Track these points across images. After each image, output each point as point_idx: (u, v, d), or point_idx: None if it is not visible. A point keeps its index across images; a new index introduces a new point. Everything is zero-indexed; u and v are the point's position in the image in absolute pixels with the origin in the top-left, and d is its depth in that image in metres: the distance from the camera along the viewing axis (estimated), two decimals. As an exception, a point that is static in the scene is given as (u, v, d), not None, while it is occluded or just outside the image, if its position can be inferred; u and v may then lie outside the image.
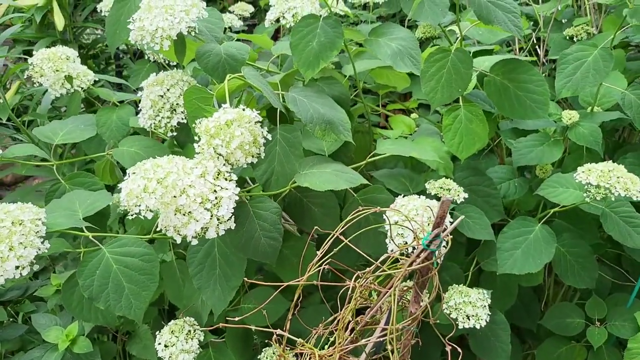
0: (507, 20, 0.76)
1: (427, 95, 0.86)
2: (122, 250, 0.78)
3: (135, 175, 0.71)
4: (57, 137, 0.92)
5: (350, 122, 0.88)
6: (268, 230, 0.80)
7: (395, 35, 0.95)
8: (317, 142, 0.98)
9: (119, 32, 1.01)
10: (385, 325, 0.63)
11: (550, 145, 1.07)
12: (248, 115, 0.75)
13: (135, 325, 1.27)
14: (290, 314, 0.67)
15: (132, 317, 0.77)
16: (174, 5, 0.89)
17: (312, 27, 0.90)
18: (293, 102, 0.84)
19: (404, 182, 0.98)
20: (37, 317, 1.21)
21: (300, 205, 0.94)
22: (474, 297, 0.89)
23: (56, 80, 1.11)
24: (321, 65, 0.88)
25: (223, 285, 0.84)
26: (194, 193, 0.70)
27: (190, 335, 0.89)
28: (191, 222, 0.70)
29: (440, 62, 0.85)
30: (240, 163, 0.77)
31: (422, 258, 0.59)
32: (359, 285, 0.59)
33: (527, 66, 0.88)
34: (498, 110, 0.94)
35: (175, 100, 0.96)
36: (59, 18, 1.43)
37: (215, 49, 0.93)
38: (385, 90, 1.22)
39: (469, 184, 1.02)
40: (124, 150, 0.93)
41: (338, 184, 0.81)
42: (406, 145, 0.94)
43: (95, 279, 0.76)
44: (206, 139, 0.74)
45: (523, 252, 0.96)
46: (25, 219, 0.68)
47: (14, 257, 0.65)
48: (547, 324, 1.15)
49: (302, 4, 1.07)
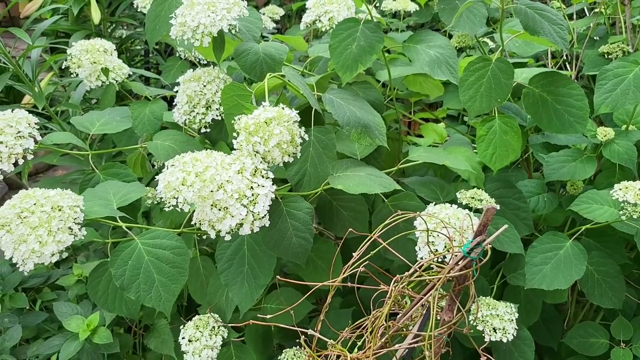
0: (554, 32, 0.76)
1: (465, 103, 0.86)
2: (154, 242, 0.79)
3: (174, 167, 0.71)
4: (94, 127, 0.93)
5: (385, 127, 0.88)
6: (300, 230, 0.80)
7: (433, 43, 0.95)
8: (349, 146, 0.98)
9: (159, 27, 1.02)
10: (418, 332, 0.63)
11: (583, 162, 1.06)
12: (287, 114, 0.75)
13: (154, 319, 1.27)
14: (322, 315, 0.67)
15: (161, 309, 0.77)
16: (216, 2, 0.90)
17: (352, 30, 0.90)
18: (330, 103, 0.84)
19: (434, 190, 0.97)
20: (59, 305, 1.22)
21: (330, 208, 0.94)
22: (501, 310, 0.88)
23: (93, 71, 1.13)
24: (360, 69, 0.88)
25: (251, 282, 0.84)
26: (231, 188, 0.70)
27: (214, 331, 0.89)
28: (227, 218, 0.71)
29: (480, 72, 0.84)
30: (277, 161, 0.77)
31: (460, 266, 0.58)
32: (395, 289, 0.59)
33: (567, 80, 0.87)
34: (536, 123, 0.93)
35: (211, 96, 0.97)
36: (95, 12, 1.45)
37: (254, 48, 0.93)
38: (417, 98, 1.21)
39: (499, 195, 1.01)
40: (158, 144, 0.93)
41: (372, 188, 0.81)
42: (439, 153, 0.94)
43: (127, 269, 0.76)
44: (245, 136, 0.74)
45: (552, 267, 0.95)
46: (64, 205, 0.69)
47: (53, 242, 0.66)
48: (570, 343, 1.13)
49: (338, 8, 1.08)
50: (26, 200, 0.68)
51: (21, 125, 0.79)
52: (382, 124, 0.87)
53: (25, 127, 0.80)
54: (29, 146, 0.80)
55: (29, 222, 0.66)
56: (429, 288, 0.62)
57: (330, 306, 1.19)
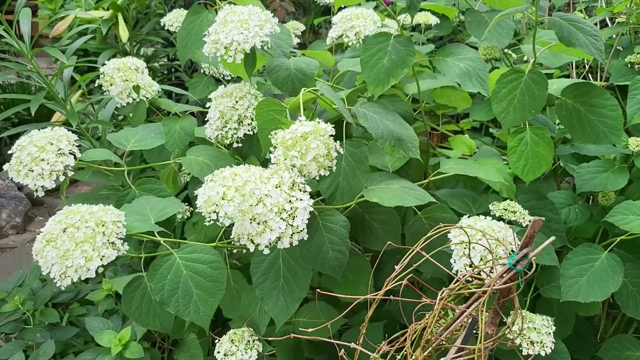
0: (589, 43, 0.76)
1: (499, 115, 0.86)
2: (192, 257, 0.79)
3: (214, 182, 0.72)
4: (129, 144, 0.94)
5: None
6: (336, 243, 0.80)
7: (463, 56, 0.96)
8: (380, 159, 0.98)
9: (190, 44, 1.04)
10: (462, 345, 0.62)
11: (615, 172, 1.05)
12: (324, 128, 0.76)
13: (183, 334, 1.28)
14: (364, 329, 0.67)
15: (200, 323, 0.77)
16: (248, 20, 0.91)
17: (384, 44, 0.91)
18: (364, 117, 0.84)
19: (466, 202, 0.97)
20: (90, 320, 1.24)
21: (362, 221, 0.94)
22: (538, 323, 0.87)
23: (124, 89, 1.15)
24: (391, 83, 0.89)
25: (286, 296, 0.84)
26: (270, 202, 0.71)
27: (249, 345, 0.89)
28: (266, 231, 0.71)
29: (513, 83, 0.84)
30: (313, 175, 0.78)
31: (505, 278, 0.58)
32: (441, 302, 0.59)
33: (600, 90, 0.87)
34: (568, 134, 0.93)
35: (244, 112, 0.98)
36: (123, 31, 1.48)
37: (285, 64, 0.95)
38: (444, 111, 1.22)
39: (531, 207, 1.01)
40: (191, 159, 0.95)
41: (407, 200, 0.81)
42: (471, 165, 0.94)
43: (166, 283, 0.77)
44: (283, 150, 0.75)
45: (588, 279, 0.94)
46: (107, 221, 0.70)
47: (98, 257, 0.67)
48: (605, 356, 1.11)
49: (364, 23, 1.09)
50: (71, 216, 0.69)
51: (62, 143, 0.81)
52: (414, 136, 0.87)
53: (65, 144, 0.82)
54: (69, 163, 0.81)
55: (75, 238, 0.67)
56: (472, 301, 0.62)
57: (357, 320, 1.19)
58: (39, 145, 0.80)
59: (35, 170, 0.78)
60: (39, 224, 3.02)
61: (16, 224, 2.91)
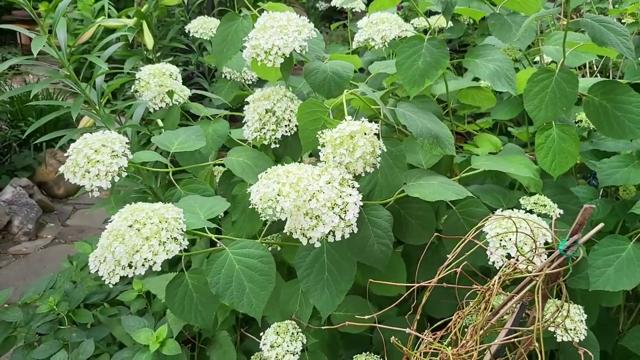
0: (620, 43, 0.80)
1: (531, 112, 0.90)
2: (243, 252, 0.83)
3: (269, 180, 0.76)
4: (172, 146, 0.98)
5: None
6: (381, 236, 0.84)
7: (491, 57, 1.00)
8: (414, 157, 1.02)
9: (226, 50, 1.08)
10: (512, 327, 0.66)
11: (635, 167, 1.09)
12: (369, 127, 0.80)
13: (215, 332, 1.32)
14: (416, 320, 0.70)
15: (253, 314, 0.81)
16: (287, 25, 0.96)
17: (417, 47, 0.95)
18: (403, 116, 0.88)
19: (497, 197, 1.01)
20: (126, 319, 1.27)
21: (398, 217, 0.98)
22: (572, 311, 0.91)
23: (158, 94, 1.19)
24: (427, 84, 0.93)
25: (331, 289, 0.87)
26: (323, 198, 0.74)
27: (294, 337, 0.92)
28: (319, 225, 0.75)
29: (544, 82, 0.89)
30: (359, 171, 0.82)
31: (555, 264, 0.62)
32: (495, 286, 0.63)
33: (626, 88, 0.91)
34: (597, 130, 0.97)
35: (282, 114, 1.02)
36: (148, 38, 1.52)
37: (321, 67, 0.99)
38: (468, 111, 1.26)
39: (558, 201, 1.05)
40: (233, 160, 0.98)
41: (446, 195, 0.85)
42: (502, 161, 0.98)
43: (220, 277, 0.81)
44: (332, 148, 0.79)
45: (616, 269, 0.98)
46: (169, 217, 0.74)
47: (163, 252, 0.70)
48: (629, 345, 1.15)
49: (390, 27, 1.13)
50: (137, 212, 0.72)
51: (115, 145, 0.85)
52: (449, 134, 0.92)
53: (119, 146, 0.85)
54: (123, 164, 0.85)
55: (141, 233, 0.70)
56: (521, 286, 0.66)
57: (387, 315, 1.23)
58: (95, 147, 0.83)
59: (92, 171, 0.82)
60: (51, 231, 3.05)
61: (28, 231, 2.93)
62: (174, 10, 1.70)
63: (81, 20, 1.94)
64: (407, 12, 2.07)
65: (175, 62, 1.80)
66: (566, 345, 0.94)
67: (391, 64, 1.09)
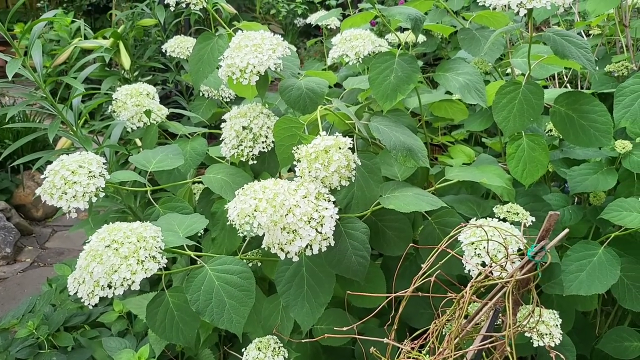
0: (580, 55, 0.84)
1: (500, 124, 0.93)
2: (222, 268, 0.84)
3: (246, 196, 0.77)
4: (150, 165, 0.99)
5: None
6: (358, 249, 0.85)
7: (461, 70, 1.03)
8: (389, 169, 1.04)
9: (202, 69, 1.09)
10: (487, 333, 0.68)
11: (604, 174, 1.13)
12: (343, 141, 0.82)
13: (198, 350, 1.31)
14: (393, 330, 0.71)
15: (234, 330, 0.81)
16: (261, 44, 0.97)
17: (389, 62, 0.98)
18: (376, 130, 0.90)
19: (471, 206, 1.03)
20: (107, 340, 1.26)
21: (376, 229, 0.99)
22: (546, 316, 0.93)
23: (136, 114, 1.20)
24: (399, 98, 0.95)
25: (311, 302, 0.88)
26: (299, 212, 0.76)
27: (275, 352, 0.93)
28: (296, 239, 0.76)
29: (511, 94, 0.92)
30: (334, 185, 0.83)
31: (525, 269, 0.64)
32: (468, 294, 0.64)
33: (590, 97, 0.95)
34: (564, 139, 1.00)
35: (258, 130, 1.03)
36: (125, 58, 1.53)
37: (296, 84, 1.00)
38: (442, 123, 1.29)
39: (530, 209, 1.07)
40: (211, 177, 0.99)
41: (421, 206, 0.87)
42: (474, 172, 1.00)
43: (200, 294, 0.81)
44: (307, 163, 0.80)
45: (588, 274, 1.00)
46: (147, 236, 0.74)
47: (142, 271, 0.71)
48: (605, 348, 1.18)
49: (363, 43, 1.16)
50: (114, 232, 0.73)
51: (92, 166, 0.85)
52: (423, 147, 0.94)
53: (96, 166, 0.86)
54: (100, 184, 0.85)
55: (119, 253, 0.71)
56: (494, 292, 0.68)
57: (369, 327, 1.24)
58: (71, 168, 0.84)
59: (69, 192, 0.82)
60: (29, 254, 2.99)
61: (6, 255, 2.88)
62: (151, 30, 1.72)
63: (57, 40, 1.94)
64: (382, 28, 2.11)
65: (153, 81, 1.81)
66: (544, 350, 0.96)
67: (365, 79, 1.12)
